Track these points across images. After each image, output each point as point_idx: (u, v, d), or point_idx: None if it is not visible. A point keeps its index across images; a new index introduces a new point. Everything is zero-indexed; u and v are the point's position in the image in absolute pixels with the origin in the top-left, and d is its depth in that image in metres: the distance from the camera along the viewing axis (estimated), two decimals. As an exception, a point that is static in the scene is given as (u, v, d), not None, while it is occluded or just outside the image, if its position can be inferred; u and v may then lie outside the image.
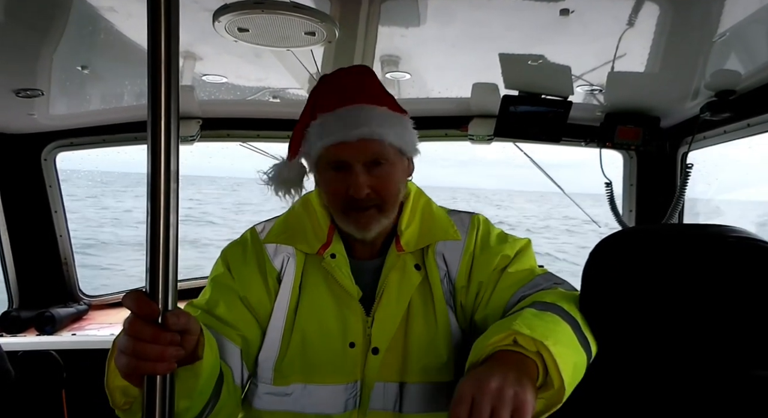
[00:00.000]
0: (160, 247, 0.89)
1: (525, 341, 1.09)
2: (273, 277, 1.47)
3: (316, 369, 1.42)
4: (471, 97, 2.58)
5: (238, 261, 1.49)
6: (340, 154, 1.37)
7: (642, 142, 2.76)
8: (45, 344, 2.82)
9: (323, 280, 1.46)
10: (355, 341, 1.42)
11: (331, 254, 1.46)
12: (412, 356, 1.43)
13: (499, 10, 1.58)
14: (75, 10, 1.58)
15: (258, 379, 1.46)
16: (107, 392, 1.11)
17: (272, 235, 1.51)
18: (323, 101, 1.42)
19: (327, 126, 1.37)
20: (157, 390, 0.94)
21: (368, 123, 1.36)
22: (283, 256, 1.48)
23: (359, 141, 1.35)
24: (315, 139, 1.39)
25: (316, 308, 1.44)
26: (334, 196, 1.41)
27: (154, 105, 0.87)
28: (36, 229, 3.16)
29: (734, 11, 1.54)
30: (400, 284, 1.45)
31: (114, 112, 2.78)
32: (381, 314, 1.43)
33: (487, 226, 1.56)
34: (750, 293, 1.17)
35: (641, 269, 1.26)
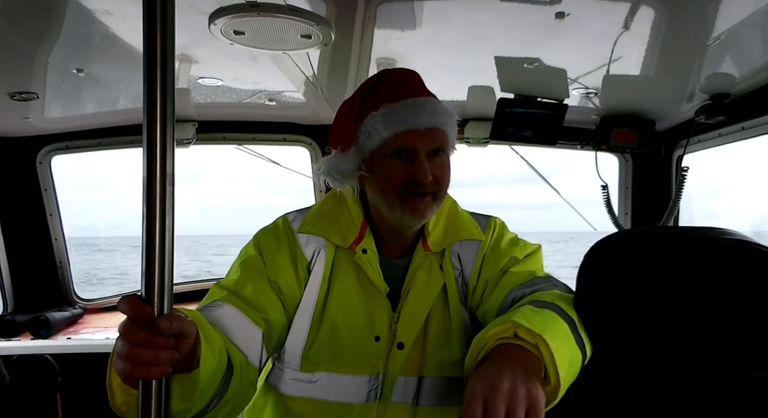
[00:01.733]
0: (156, 250, 0.89)
1: (525, 334, 1.11)
2: (303, 266, 1.50)
3: (341, 359, 1.46)
4: (467, 100, 2.58)
5: (271, 247, 1.51)
6: (408, 141, 1.39)
7: (637, 145, 2.77)
8: (40, 348, 2.81)
9: (353, 273, 1.49)
10: (380, 335, 1.46)
11: (363, 249, 1.49)
12: (429, 351, 1.47)
13: (494, 13, 1.59)
14: (70, 13, 1.58)
15: (285, 364, 1.49)
16: (108, 391, 1.10)
17: (306, 225, 1.53)
18: (386, 93, 1.44)
19: (394, 114, 1.40)
20: (153, 395, 0.94)
21: (435, 113, 1.42)
22: (315, 247, 1.51)
23: (427, 130, 1.40)
24: (379, 127, 1.40)
25: (345, 300, 1.48)
26: (392, 181, 1.42)
27: (150, 108, 0.87)
28: (31, 232, 3.15)
29: (729, 15, 1.55)
30: (426, 284, 1.49)
31: (109, 115, 2.77)
32: (407, 310, 1.47)
33: (502, 229, 1.60)
34: (744, 296, 1.17)
35: (636, 271, 1.26)
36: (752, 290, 1.17)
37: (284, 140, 3.13)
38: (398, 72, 1.54)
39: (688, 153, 2.70)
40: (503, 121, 2.59)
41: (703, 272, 1.21)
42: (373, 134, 1.42)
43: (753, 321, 1.17)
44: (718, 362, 1.19)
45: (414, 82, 1.49)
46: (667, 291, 1.22)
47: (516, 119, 2.57)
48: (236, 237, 30.32)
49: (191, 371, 1.10)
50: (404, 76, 1.51)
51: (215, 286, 1.46)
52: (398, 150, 1.40)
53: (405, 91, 1.45)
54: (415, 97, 1.43)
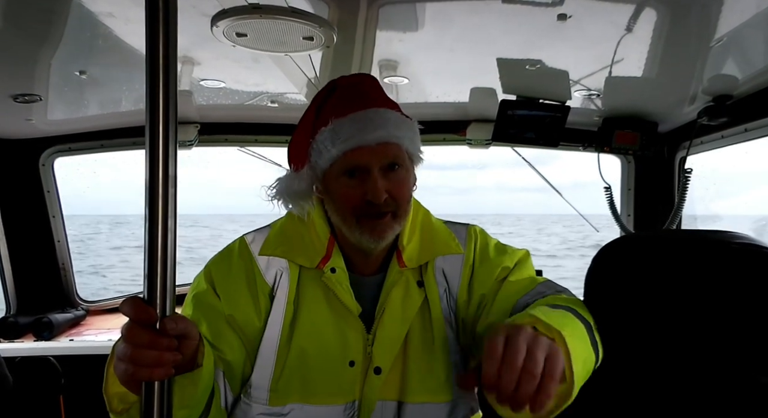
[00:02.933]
0: (158, 252, 0.89)
1: (543, 328, 1.04)
2: (264, 293, 1.40)
3: (314, 388, 1.37)
4: (469, 102, 2.58)
5: (224, 276, 1.41)
6: (357, 159, 1.31)
7: (640, 147, 2.76)
8: (43, 350, 2.82)
9: (322, 295, 1.40)
10: (355, 360, 1.37)
11: (331, 268, 1.40)
12: (411, 375, 1.40)
13: (496, 14, 1.59)
14: (73, 15, 1.58)
15: (251, 399, 1.39)
16: (105, 398, 1.10)
17: (268, 247, 1.44)
18: (335, 106, 1.37)
19: (342, 131, 1.31)
20: (155, 397, 0.94)
21: (386, 126, 1.33)
22: (276, 270, 1.41)
23: (378, 145, 1.31)
24: (328, 145, 1.32)
25: (314, 324, 1.39)
26: (347, 202, 1.34)
27: (152, 110, 0.87)
28: (34, 234, 3.16)
29: (731, 16, 1.54)
30: (403, 302, 1.41)
31: (112, 117, 2.78)
32: (383, 332, 1.39)
33: (484, 237, 1.54)
34: (754, 300, 1.17)
35: (644, 275, 1.26)
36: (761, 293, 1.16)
37: (286, 142, 3.10)
38: (350, 80, 1.45)
39: (691, 155, 2.70)
40: (505, 122, 2.59)
41: (712, 275, 1.20)
42: (324, 152, 1.34)
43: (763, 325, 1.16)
44: (729, 366, 1.18)
45: (365, 91, 1.40)
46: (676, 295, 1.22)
47: (518, 121, 2.57)
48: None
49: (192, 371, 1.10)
50: (356, 84, 1.42)
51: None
52: (349, 169, 1.32)
53: (354, 102, 1.36)
54: (364, 109, 1.34)
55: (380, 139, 1.31)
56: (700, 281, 1.21)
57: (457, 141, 2.99)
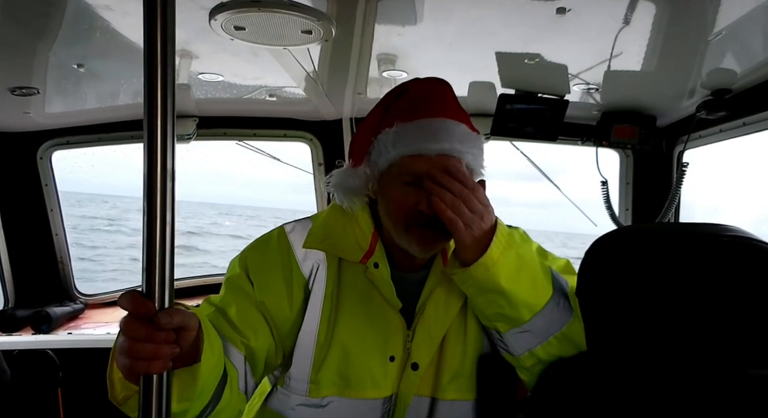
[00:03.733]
0: (157, 245, 0.89)
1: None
2: (300, 285, 1.40)
3: (354, 382, 1.39)
4: (467, 96, 2.58)
5: (259, 265, 1.42)
6: (415, 166, 1.30)
7: (638, 141, 2.76)
8: (41, 343, 2.82)
9: (364, 290, 1.41)
10: (395, 355, 1.39)
11: (374, 264, 1.40)
12: (445, 372, 1.42)
13: (495, 8, 1.58)
14: (71, 8, 1.57)
15: (291, 390, 1.42)
16: (108, 384, 1.10)
17: (312, 240, 1.43)
18: (403, 109, 1.35)
19: (405, 135, 1.31)
20: (153, 390, 0.94)
21: (449, 138, 1.31)
22: (313, 262, 1.42)
23: (438, 156, 1.30)
24: (388, 147, 1.32)
25: (355, 319, 1.40)
26: (399, 208, 1.33)
27: (151, 103, 0.87)
28: (32, 228, 3.16)
29: (730, 10, 1.54)
30: (446, 302, 1.42)
31: (110, 110, 2.77)
32: (423, 329, 1.40)
33: (527, 240, 1.53)
34: (745, 292, 1.17)
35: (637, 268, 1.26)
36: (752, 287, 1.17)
37: (285, 136, 3.12)
38: (424, 84, 1.43)
39: (689, 149, 2.70)
40: (504, 116, 2.58)
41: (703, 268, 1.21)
42: (383, 153, 1.33)
43: (753, 318, 1.17)
44: (719, 359, 1.19)
45: (437, 99, 1.38)
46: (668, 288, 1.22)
47: (517, 115, 2.57)
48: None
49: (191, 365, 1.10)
50: (428, 89, 1.41)
51: (205, 301, 1.40)
52: (406, 174, 1.31)
53: (423, 108, 1.35)
54: (431, 117, 1.33)
55: (441, 151, 1.30)
56: (690, 273, 1.22)
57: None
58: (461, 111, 1.41)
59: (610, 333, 1.28)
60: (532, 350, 1.34)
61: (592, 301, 1.32)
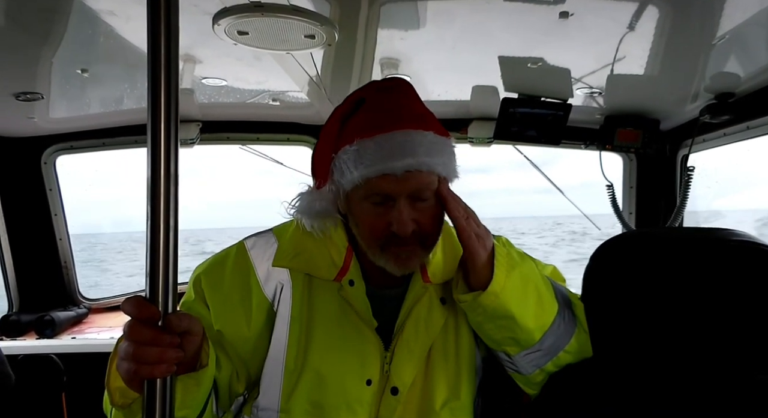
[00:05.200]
0: (160, 250, 0.89)
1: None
2: (262, 308, 1.30)
3: (327, 410, 1.28)
4: (471, 100, 2.58)
5: (215, 287, 1.31)
6: (382, 188, 1.19)
7: (642, 145, 2.76)
8: (45, 348, 2.82)
9: (337, 309, 1.31)
10: (372, 378, 1.29)
11: (350, 281, 1.31)
12: (435, 397, 1.32)
13: (498, 12, 1.58)
14: (75, 13, 1.58)
15: None
16: (107, 392, 1.10)
17: (283, 257, 1.33)
18: (361, 122, 1.24)
19: (366, 155, 1.18)
20: (157, 394, 0.94)
21: (414, 153, 1.18)
22: (276, 283, 1.32)
23: (405, 173, 1.18)
24: (350, 166, 1.19)
25: (330, 342, 1.29)
26: (371, 230, 1.24)
27: (154, 108, 0.87)
28: (36, 232, 3.16)
29: (734, 14, 1.54)
30: (427, 320, 1.33)
31: (114, 115, 2.78)
32: (402, 349, 1.30)
33: (522, 255, 1.42)
34: (753, 297, 1.17)
35: (643, 273, 1.26)
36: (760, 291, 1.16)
37: (288, 140, 3.12)
38: (382, 93, 1.31)
39: (693, 153, 2.69)
40: (507, 120, 2.58)
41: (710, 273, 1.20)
42: (346, 173, 1.21)
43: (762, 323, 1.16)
44: (727, 364, 1.18)
45: (396, 106, 1.26)
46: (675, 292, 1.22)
47: (520, 119, 2.57)
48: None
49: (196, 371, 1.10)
50: (387, 97, 1.28)
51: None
52: (373, 196, 1.21)
53: (381, 121, 1.22)
54: (392, 131, 1.20)
55: (408, 167, 1.18)
56: (698, 278, 1.21)
57: (459, 139, 2.98)
58: (426, 114, 1.29)
59: (616, 337, 1.27)
60: (542, 366, 1.30)
61: (598, 305, 1.32)
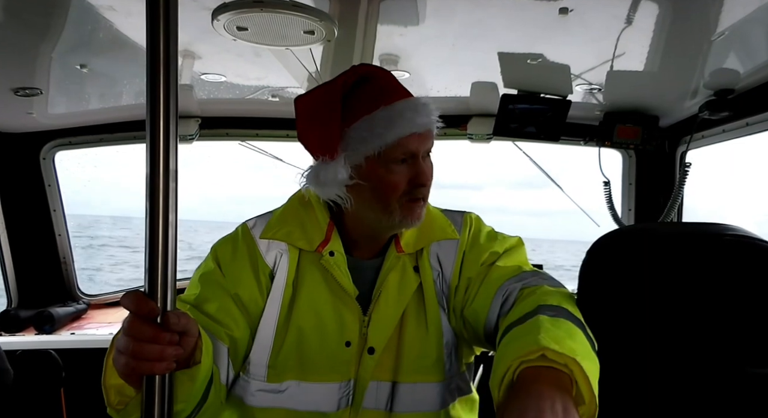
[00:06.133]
0: (159, 246, 0.89)
1: (554, 356, 1.05)
2: (265, 273, 1.45)
3: (311, 367, 1.42)
4: (470, 96, 2.58)
5: (229, 258, 1.46)
6: (411, 145, 1.36)
7: (641, 141, 2.76)
8: (44, 344, 2.82)
9: (321, 277, 1.44)
10: (351, 340, 1.42)
11: (330, 252, 1.44)
12: (405, 356, 1.44)
13: (498, 8, 1.59)
14: (74, 8, 1.58)
15: (250, 376, 1.43)
16: (103, 391, 1.11)
17: (269, 230, 1.48)
18: (377, 94, 1.39)
19: (396, 117, 1.35)
20: (156, 390, 0.94)
21: (429, 113, 1.39)
22: (276, 252, 1.46)
23: (426, 131, 1.38)
24: (379, 131, 1.34)
25: (312, 305, 1.43)
26: (395, 187, 1.37)
27: (153, 104, 0.87)
28: (35, 228, 3.16)
29: (733, 10, 1.54)
30: (399, 286, 1.45)
31: (113, 111, 2.78)
32: (378, 314, 1.43)
33: (479, 224, 1.56)
34: (747, 292, 1.17)
35: (638, 268, 1.26)
36: (754, 286, 1.17)
37: (287, 136, 3.12)
38: (379, 73, 1.46)
39: (692, 149, 2.70)
40: (506, 117, 2.58)
41: (705, 267, 1.21)
42: (371, 139, 1.35)
43: (754, 316, 1.17)
44: (719, 358, 1.19)
45: (398, 83, 1.45)
46: (670, 287, 1.23)
47: (519, 115, 2.57)
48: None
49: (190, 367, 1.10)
50: (387, 76, 1.46)
51: (178, 300, 1.36)
52: (403, 154, 1.36)
53: (396, 92, 1.41)
54: (406, 98, 1.40)
55: (428, 126, 1.38)
56: (692, 273, 1.22)
57: (458, 135, 2.99)
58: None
59: (611, 332, 1.28)
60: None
61: (594, 300, 1.32)
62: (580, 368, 1.04)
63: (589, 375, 1.04)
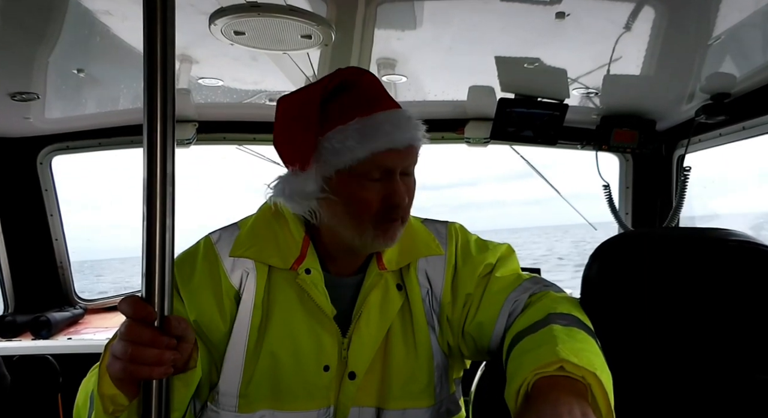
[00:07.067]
0: (156, 250, 0.89)
1: (572, 368, 1.03)
2: (230, 296, 1.32)
3: (286, 394, 1.31)
4: (467, 100, 2.58)
5: (187, 279, 1.33)
6: (387, 161, 1.24)
7: (638, 145, 2.77)
8: (41, 349, 2.81)
9: (295, 297, 1.33)
10: (329, 364, 1.31)
11: (306, 269, 1.33)
12: (391, 380, 1.34)
13: (495, 13, 1.59)
14: (71, 13, 1.58)
15: (220, 406, 1.31)
16: (98, 400, 1.07)
17: (239, 247, 1.35)
18: (354, 104, 1.28)
19: (371, 130, 1.23)
20: (153, 395, 0.94)
21: (412, 128, 1.27)
22: (242, 271, 1.33)
23: (406, 148, 1.26)
24: (352, 144, 1.22)
25: (287, 327, 1.31)
26: (367, 205, 1.26)
27: (150, 108, 0.87)
28: (32, 233, 3.15)
29: (729, 14, 1.55)
30: (381, 305, 1.35)
31: (110, 115, 2.78)
32: (359, 336, 1.33)
33: (465, 234, 1.48)
34: (750, 297, 1.17)
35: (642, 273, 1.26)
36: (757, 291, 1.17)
37: (285, 141, 3.12)
38: (363, 78, 1.34)
39: (689, 153, 2.70)
40: (504, 121, 2.59)
41: (709, 273, 1.21)
42: (343, 151, 1.23)
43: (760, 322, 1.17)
44: (725, 364, 1.18)
45: (383, 91, 1.33)
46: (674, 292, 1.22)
47: (516, 119, 2.57)
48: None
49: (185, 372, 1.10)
50: (371, 83, 1.33)
51: None
52: (375, 171, 1.25)
53: (377, 102, 1.29)
54: (388, 109, 1.28)
55: (409, 142, 1.26)
56: (696, 278, 1.21)
57: (456, 139, 2.99)
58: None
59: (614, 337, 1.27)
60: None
61: (597, 305, 1.32)
62: (598, 381, 1.02)
63: (607, 389, 1.02)
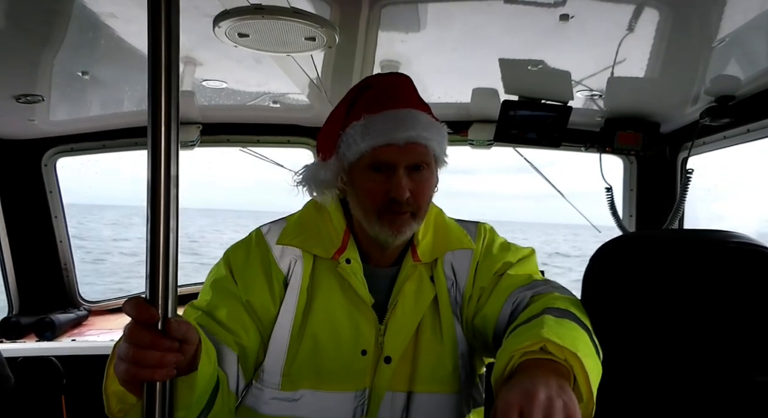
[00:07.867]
0: (160, 252, 0.89)
1: (554, 349, 1.06)
2: (279, 280, 1.44)
3: (326, 375, 1.41)
4: (471, 102, 2.58)
5: (242, 264, 1.46)
6: (385, 156, 1.35)
7: (642, 148, 2.76)
8: (45, 350, 2.82)
9: (336, 285, 1.44)
10: (367, 349, 1.41)
11: (346, 259, 1.44)
12: (421, 366, 1.43)
13: (498, 15, 1.59)
14: (76, 16, 1.58)
15: (264, 384, 1.43)
16: (104, 398, 1.10)
17: (285, 236, 1.48)
18: (369, 103, 1.40)
19: (373, 127, 1.36)
20: (157, 397, 0.94)
21: (415, 127, 1.36)
22: (290, 259, 1.46)
23: (406, 144, 1.35)
24: (357, 139, 1.37)
25: (328, 313, 1.42)
26: (371, 197, 1.38)
27: (155, 110, 0.87)
28: (36, 234, 3.16)
29: (734, 17, 1.54)
30: (415, 295, 1.45)
31: (114, 117, 2.78)
32: (394, 323, 1.42)
33: (492, 234, 1.57)
34: (751, 299, 1.17)
35: (642, 274, 1.26)
36: (758, 293, 1.17)
37: (288, 142, 3.13)
38: (386, 79, 1.50)
39: (693, 155, 2.70)
40: (507, 123, 2.59)
41: (709, 274, 1.21)
42: (352, 145, 1.38)
43: (760, 324, 1.17)
44: (725, 366, 1.18)
45: (400, 92, 1.44)
46: (674, 294, 1.22)
47: (520, 121, 2.57)
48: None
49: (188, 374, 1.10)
50: (391, 84, 1.47)
51: (189, 306, 1.41)
52: (376, 164, 1.36)
53: (388, 101, 1.40)
54: (397, 109, 1.39)
55: (409, 139, 1.35)
56: (697, 280, 1.21)
57: (459, 141, 2.98)
58: (423, 102, 1.47)
59: (615, 339, 1.27)
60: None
61: (598, 307, 1.31)
62: (580, 364, 1.05)
63: (590, 373, 1.05)
